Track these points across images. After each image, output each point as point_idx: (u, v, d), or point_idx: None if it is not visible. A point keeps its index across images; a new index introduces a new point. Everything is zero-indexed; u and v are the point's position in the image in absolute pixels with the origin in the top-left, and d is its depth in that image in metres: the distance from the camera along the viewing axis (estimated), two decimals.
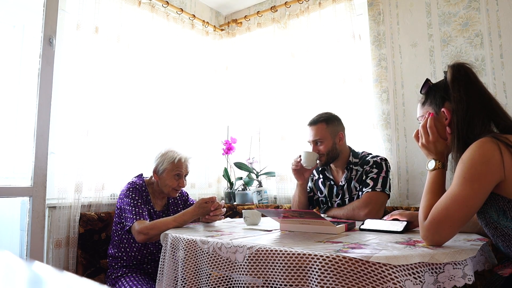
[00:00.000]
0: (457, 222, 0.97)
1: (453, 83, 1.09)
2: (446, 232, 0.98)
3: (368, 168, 1.85)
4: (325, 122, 1.92)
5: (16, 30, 2.56)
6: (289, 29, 2.71)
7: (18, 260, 0.48)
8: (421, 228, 1.03)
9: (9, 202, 2.51)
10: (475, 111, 1.05)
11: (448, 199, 0.99)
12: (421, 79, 2.23)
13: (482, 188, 0.96)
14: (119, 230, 1.76)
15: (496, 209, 1.01)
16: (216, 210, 1.67)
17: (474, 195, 0.96)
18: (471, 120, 1.05)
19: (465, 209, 0.96)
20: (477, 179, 0.96)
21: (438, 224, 0.98)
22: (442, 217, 0.98)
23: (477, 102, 1.06)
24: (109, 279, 1.77)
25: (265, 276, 1.01)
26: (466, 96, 1.06)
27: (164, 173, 1.78)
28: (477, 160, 0.96)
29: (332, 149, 1.91)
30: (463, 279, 0.89)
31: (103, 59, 2.17)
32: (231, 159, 2.85)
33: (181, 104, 2.70)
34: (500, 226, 1.02)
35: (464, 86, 1.07)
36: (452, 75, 1.10)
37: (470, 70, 1.10)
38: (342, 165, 1.95)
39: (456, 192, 0.98)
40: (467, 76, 1.09)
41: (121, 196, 1.76)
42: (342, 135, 1.94)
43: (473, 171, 0.96)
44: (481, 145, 0.97)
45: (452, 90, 1.08)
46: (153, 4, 2.51)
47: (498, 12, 2.00)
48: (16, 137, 2.50)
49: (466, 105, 1.05)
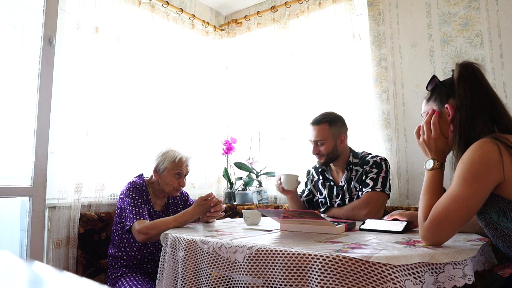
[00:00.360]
0: (457, 222, 0.97)
1: (459, 80, 1.09)
2: (446, 232, 0.98)
3: (368, 168, 1.84)
4: (328, 123, 1.89)
5: (16, 30, 2.56)
6: (289, 29, 2.71)
7: (18, 260, 0.48)
8: (421, 228, 1.03)
9: (9, 202, 2.51)
10: (478, 109, 1.05)
11: (448, 199, 0.99)
12: (421, 79, 2.23)
13: (482, 188, 0.96)
14: (119, 230, 1.76)
15: (496, 210, 1.01)
16: (216, 206, 1.67)
17: (474, 195, 0.96)
18: (473, 117, 1.05)
19: (465, 209, 0.96)
20: (477, 179, 0.96)
21: (438, 224, 0.98)
22: (442, 217, 0.98)
23: (482, 100, 1.06)
24: (109, 279, 1.77)
25: (265, 276, 1.01)
26: (470, 93, 1.06)
27: (164, 172, 1.79)
28: (477, 161, 0.96)
29: (332, 150, 1.89)
30: (463, 279, 0.89)
31: (103, 59, 2.17)
32: (231, 159, 2.85)
33: (181, 104, 2.70)
34: (500, 227, 1.02)
35: (470, 83, 1.08)
36: (459, 73, 1.10)
37: (478, 69, 1.10)
38: (342, 166, 1.95)
39: (456, 193, 0.98)
40: (473, 74, 1.09)
41: (122, 196, 1.76)
42: (344, 138, 1.92)
43: (472, 172, 0.96)
44: (481, 146, 0.97)
45: (458, 87, 1.09)
46: (153, 4, 2.51)
47: (498, 12, 2.00)
48: (16, 137, 2.50)
49: (470, 102, 1.06)
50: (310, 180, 2.11)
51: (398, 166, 2.26)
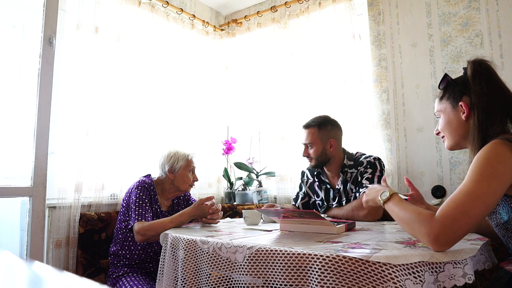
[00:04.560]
0: (473, 220, 0.90)
1: (474, 76, 1.07)
2: (461, 230, 0.90)
3: (363, 169, 1.83)
4: (317, 127, 1.89)
5: (16, 30, 2.56)
6: (289, 29, 2.71)
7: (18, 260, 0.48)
8: (429, 230, 0.92)
9: (9, 202, 2.51)
10: (495, 105, 1.04)
11: (464, 195, 0.92)
12: (421, 79, 2.23)
13: (499, 186, 0.93)
14: (124, 228, 1.78)
15: (507, 210, 1.01)
16: (213, 214, 1.69)
17: (492, 192, 0.92)
18: (491, 114, 1.03)
19: (483, 206, 0.91)
20: (495, 177, 0.93)
21: (453, 221, 0.90)
22: (457, 214, 0.90)
23: (498, 97, 1.05)
24: (110, 278, 1.77)
25: (265, 276, 1.01)
26: (487, 89, 1.05)
27: (180, 170, 1.84)
28: (494, 159, 0.94)
29: (321, 154, 1.88)
30: (463, 278, 0.89)
31: (103, 59, 2.17)
32: (231, 159, 2.85)
33: (181, 104, 2.70)
34: (511, 227, 1.02)
35: (485, 80, 1.06)
36: (473, 69, 1.08)
37: (491, 66, 1.09)
38: (336, 170, 1.93)
39: (473, 189, 0.92)
40: (488, 70, 1.08)
41: (129, 194, 1.78)
42: (334, 142, 1.88)
43: (490, 169, 0.94)
44: (496, 146, 0.96)
45: (473, 84, 1.07)
46: (153, 4, 2.51)
47: (498, 12, 2.00)
48: (16, 137, 2.50)
49: (488, 98, 1.04)
50: (304, 182, 2.09)
51: (398, 166, 2.26)
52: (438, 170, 2.14)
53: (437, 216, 0.92)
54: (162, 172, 1.86)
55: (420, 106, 2.22)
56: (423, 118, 2.21)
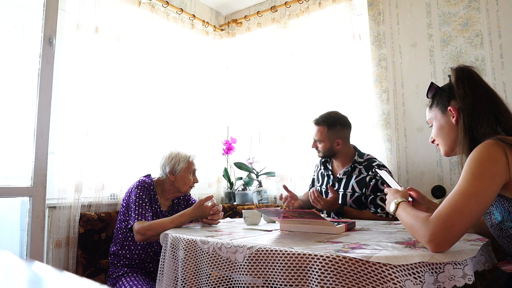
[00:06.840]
0: (467, 218, 0.91)
1: (457, 81, 1.11)
2: (456, 229, 0.91)
3: (374, 176, 1.85)
4: (327, 126, 1.96)
5: (16, 30, 2.56)
6: (289, 29, 2.71)
7: (18, 260, 0.48)
8: (426, 228, 0.94)
9: (9, 202, 2.51)
10: (481, 107, 1.07)
11: (457, 195, 0.94)
12: (421, 79, 2.23)
13: (492, 185, 0.94)
14: (123, 228, 1.78)
15: (501, 210, 1.02)
16: (214, 215, 1.69)
17: (484, 191, 0.93)
18: (478, 116, 1.06)
19: (476, 205, 0.92)
20: (486, 176, 0.94)
21: (446, 220, 0.91)
22: (451, 213, 0.92)
23: (483, 98, 1.08)
24: (110, 278, 1.77)
25: (265, 276, 1.01)
26: (471, 92, 1.08)
27: (181, 172, 1.84)
28: (486, 159, 0.96)
29: (328, 150, 1.98)
30: (463, 279, 0.89)
31: (103, 59, 2.17)
32: (231, 159, 2.85)
33: (181, 104, 2.70)
34: (505, 227, 1.03)
35: (468, 83, 1.09)
36: (456, 75, 1.12)
37: (473, 71, 1.13)
38: (343, 161, 2.00)
39: (465, 188, 0.94)
40: (470, 74, 1.11)
41: (129, 193, 1.78)
42: (341, 142, 1.95)
43: (482, 168, 0.95)
44: (488, 147, 0.98)
45: (457, 88, 1.10)
46: (153, 4, 2.51)
47: (498, 12, 2.00)
48: (16, 137, 2.50)
49: (472, 100, 1.07)
50: (315, 170, 2.21)
51: (398, 166, 2.26)
52: (438, 170, 2.14)
53: (432, 216, 0.95)
54: (163, 172, 1.87)
55: (420, 106, 2.22)
56: (423, 118, 2.21)
